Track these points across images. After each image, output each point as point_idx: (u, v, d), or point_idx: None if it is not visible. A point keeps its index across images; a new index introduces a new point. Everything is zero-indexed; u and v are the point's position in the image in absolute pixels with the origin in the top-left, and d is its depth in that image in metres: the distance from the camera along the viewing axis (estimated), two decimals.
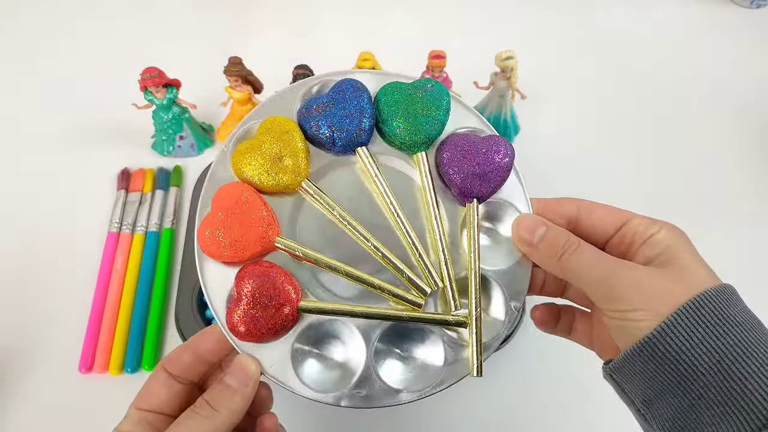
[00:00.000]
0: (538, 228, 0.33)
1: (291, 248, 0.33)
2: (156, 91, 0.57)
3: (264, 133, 0.34)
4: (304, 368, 0.32)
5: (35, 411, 0.50)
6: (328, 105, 0.35)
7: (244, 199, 0.33)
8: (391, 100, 0.35)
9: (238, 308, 0.31)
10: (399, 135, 0.35)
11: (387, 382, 0.32)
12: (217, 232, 0.32)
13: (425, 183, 0.35)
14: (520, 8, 0.80)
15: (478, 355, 0.33)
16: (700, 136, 0.68)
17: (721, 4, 0.80)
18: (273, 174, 0.33)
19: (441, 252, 0.34)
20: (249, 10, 0.79)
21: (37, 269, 0.57)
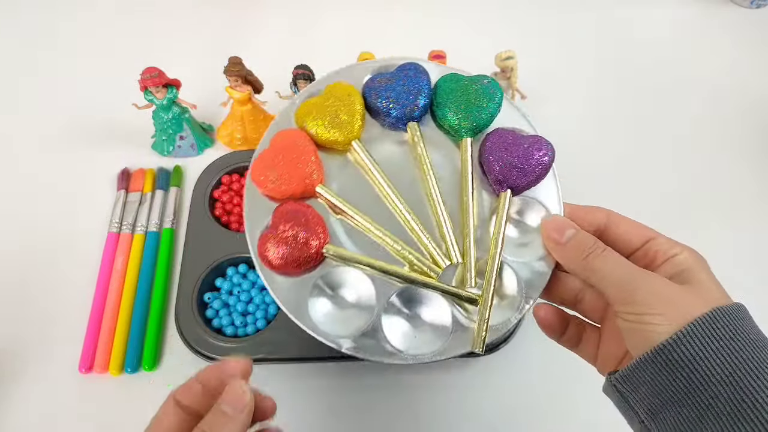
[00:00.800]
0: (567, 229, 0.34)
1: (330, 198, 0.36)
2: (156, 91, 0.57)
3: (329, 93, 0.38)
4: (317, 309, 0.35)
5: (35, 411, 0.50)
6: (391, 80, 0.38)
7: (299, 144, 0.37)
8: (449, 87, 0.38)
9: (270, 236, 0.34)
10: (450, 118, 0.38)
11: (390, 341, 0.34)
12: (268, 165, 0.36)
13: (466, 166, 0.37)
14: (520, 8, 0.80)
15: (484, 331, 0.34)
16: (701, 136, 0.68)
17: (721, 4, 0.80)
18: (329, 129, 0.37)
19: (468, 232, 0.36)
20: (249, 10, 0.79)
21: (37, 269, 0.57)
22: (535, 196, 0.37)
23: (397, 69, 0.39)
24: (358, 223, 0.36)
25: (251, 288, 0.54)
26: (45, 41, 0.76)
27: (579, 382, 0.52)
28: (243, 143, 0.63)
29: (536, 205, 0.37)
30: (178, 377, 0.51)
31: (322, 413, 0.51)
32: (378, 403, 0.51)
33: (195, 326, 0.51)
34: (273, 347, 0.51)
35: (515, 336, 0.52)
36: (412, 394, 0.51)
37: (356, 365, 0.52)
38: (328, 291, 0.35)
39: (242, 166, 0.61)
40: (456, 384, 0.52)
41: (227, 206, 0.59)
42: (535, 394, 0.52)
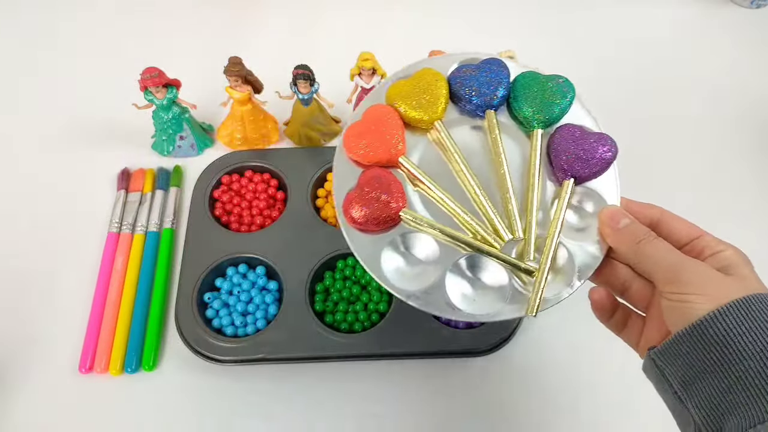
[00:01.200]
0: (623, 218, 0.37)
1: (410, 168, 0.40)
2: (156, 91, 0.57)
3: (418, 77, 0.42)
4: (388, 264, 0.39)
5: (35, 411, 0.50)
6: (475, 71, 0.42)
7: (388, 118, 0.41)
8: (526, 82, 0.42)
9: (355, 196, 0.39)
10: (525, 111, 0.41)
11: (451, 299, 0.38)
12: (360, 134, 0.40)
13: (535, 154, 0.41)
14: (520, 8, 0.79)
15: (538, 299, 0.37)
16: (700, 136, 0.68)
17: (721, 4, 0.80)
18: (415, 108, 0.41)
19: (531, 211, 0.39)
20: (249, 10, 0.79)
21: (37, 269, 0.57)
22: (596, 188, 0.40)
23: (482, 62, 0.43)
24: (433, 194, 0.40)
25: (251, 288, 0.54)
26: (45, 41, 0.76)
27: (578, 382, 0.52)
28: (243, 143, 0.63)
29: (595, 196, 0.40)
30: (178, 377, 0.52)
31: (321, 413, 0.51)
32: (378, 403, 0.51)
33: (195, 326, 0.51)
34: (273, 347, 0.51)
35: (515, 336, 0.52)
36: (413, 394, 0.51)
37: (356, 365, 0.52)
38: (401, 249, 0.40)
39: (242, 166, 0.61)
40: (456, 384, 0.52)
41: (227, 206, 0.59)
42: (535, 393, 0.52)
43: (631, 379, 0.52)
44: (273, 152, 0.63)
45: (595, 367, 0.53)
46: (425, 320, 0.51)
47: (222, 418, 0.50)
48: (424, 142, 0.42)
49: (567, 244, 0.39)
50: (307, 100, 0.59)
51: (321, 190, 0.61)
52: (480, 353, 0.51)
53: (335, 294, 0.54)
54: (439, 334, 0.51)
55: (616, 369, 0.53)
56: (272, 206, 0.60)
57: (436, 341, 0.51)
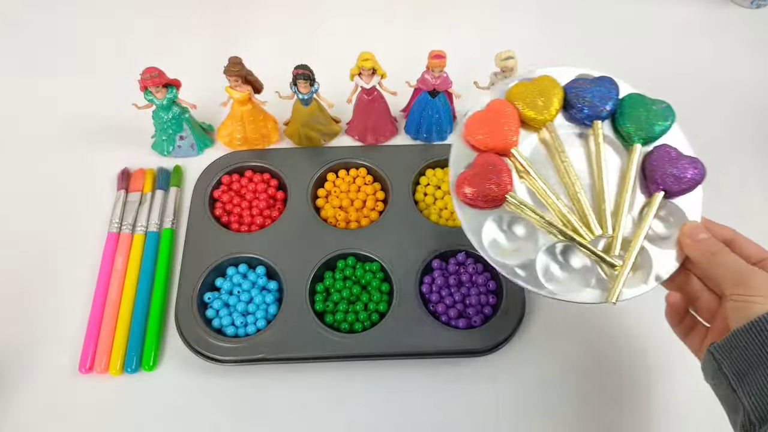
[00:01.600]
0: (702, 232, 0.43)
1: (520, 159, 0.45)
2: (156, 91, 0.57)
3: (538, 82, 0.48)
4: (490, 237, 0.45)
5: (35, 411, 0.50)
6: (590, 84, 0.48)
7: (507, 112, 0.46)
8: (633, 102, 0.48)
9: (469, 175, 0.44)
10: (628, 126, 0.47)
11: (540, 278, 0.43)
12: (481, 122, 0.46)
13: (632, 165, 0.46)
14: (520, 8, 0.80)
15: (619, 289, 0.42)
16: (700, 136, 0.67)
17: (721, 4, 0.80)
18: (531, 108, 0.47)
19: (621, 213, 0.45)
20: (249, 10, 0.79)
21: (37, 269, 0.57)
22: (681, 204, 0.46)
23: (596, 78, 0.49)
24: (535, 185, 0.45)
25: (251, 288, 0.54)
26: (45, 41, 0.76)
27: (578, 382, 0.52)
28: (243, 143, 0.63)
29: (679, 211, 0.45)
30: (178, 377, 0.52)
31: (321, 412, 0.51)
32: (378, 402, 0.51)
33: (195, 326, 0.51)
34: (273, 347, 0.51)
35: (515, 337, 0.53)
36: (413, 393, 0.51)
37: (356, 365, 0.52)
38: (503, 227, 0.45)
39: (242, 166, 0.61)
40: (456, 384, 0.52)
41: (227, 206, 0.59)
42: (535, 393, 0.52)
43: (630, 379, 0.53)
44: (273, 152, 0.63)
45: (594, 367, 0.53)
46: (425, 320, 0.51)
47: (222, 418, 0.50)
48: (532, 139, 0.48)
49: (649, 247, 0.44)
50: (307, 100, 0.59)
51: (321, 190, 0.61)
52: (480, 354, 0.51)
53: (335, 294, 0.54)
54: (439, 335, 0.51)
55: (615, 369, 0.53)
56: (272, 206, 0.60)
57: (436, 341, 0.51)
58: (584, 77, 0.49)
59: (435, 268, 0.55)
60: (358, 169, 0.62)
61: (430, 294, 0.54)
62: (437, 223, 0.58)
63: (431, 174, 0.61)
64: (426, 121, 0.63)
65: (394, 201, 0.59)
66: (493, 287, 0.54)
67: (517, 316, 0.52)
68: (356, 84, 0.60)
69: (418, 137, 0.65)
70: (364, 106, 0.62)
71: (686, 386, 0.51)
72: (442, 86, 0.60)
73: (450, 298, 0.53)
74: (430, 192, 0.60)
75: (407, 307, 0.52)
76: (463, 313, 0.53)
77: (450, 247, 0.56)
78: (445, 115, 0.63)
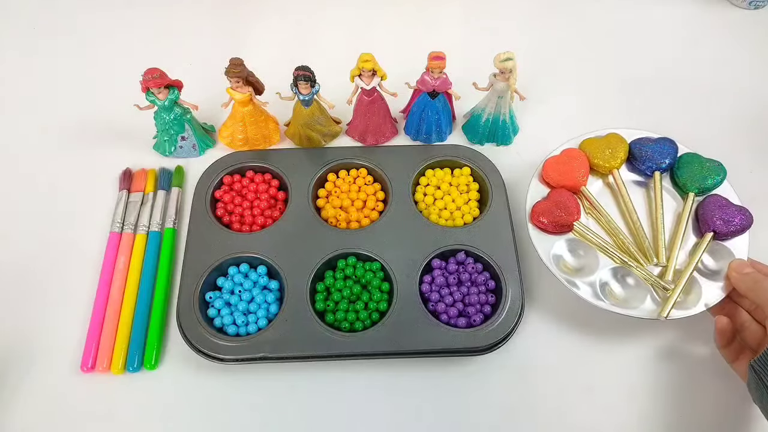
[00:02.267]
0: (747, 267, 0.50)
1: (589, 196, 0.57)
2: (158, 92, 0.58)
3: (607, 138, 0.60)
4: (561, 260, 0.54)
5: (37, 410, 0.50)
6: (653, 142, 0.59)
7: (579, 158, 0.58)
8: (689, 159, 0.58)
9: (543, 205, 0.55)
10: (684, 178, 0.57)
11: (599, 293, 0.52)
12: (557, 163, 0.58)
13: (687, 210, 0.56)
14: (520, 9, 0.80)
15: (669, 309, 0.50)
16: (699, 136, 0.68)
17: (718, 4, 0.80)
18: (599, 157, 0.58)
19: (676, 247, 0.54)
20: (250, 12, 0.79)
21: (39, 269, 0.57)
22: (730, 246, 0.54)
23: (659, 138, 0.59)
24: (600, 219, 0.56)
25: (253, 287, 0.55)
26: (46, 41, 0.76)
27: (578, 382, 0.52)
28: (244, 144, 0.64)
29: (728, 251, 0.53)
30: (180, 376, 0.52)
31: (322, 411, 0.51)
32: (379, 401, 0.51)
33: (197, 325, 0.52)
34: (274, 346, 0.51)
35: (514, 336, 0.53)
36: (412, 393, 0.52)
37: (357, 364, 0.53)
38: (568, 251, 0.54)
39: (243, 166, 0.62)
40: (455, 382, 0.52)
41: (229, 206, 0.59)
42: (535, 393, 0.52)
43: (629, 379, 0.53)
44: (274, 153, 0.63)
45: (593, 366, 0.53)
46: (425, 319, 0.52)
47: (224, 417, 0.50)
48: (599, 183, 0.59)
49: (699, 279, 0.52)
50: (307, 101, 0.60)
51: (321, 191, 0.61)
52: (479, 352, 0.52)
53: (336, 293, 0.54)
54: (439, 333, 0.51)
55: (614, 370, 0.53)
56: (273, 206, 0.60)
57: (437, 340, 0.51)
58: (648, 137, 0.60)
59: (435, 268, 0.55)
60: (359, 170, 0.62)
61: (430, 293, 0.54)
62: (437, 223, 0.58)
63: (431, 174, 0.62)
64: (426, 122, 0.63)
65: (394, 201, 0.59)
66: (493, 286, 0.55)
67: (516, 315, 0.52)
68: (356, 85, 0.60)
69: (418, 138, 0.65)
70: (365, 107, 0.62)
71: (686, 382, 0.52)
72: (441, 87, 0.60)
73: (450, 297, 0.53)
74: (430, 192, 0.60)
75: (407, 307, 0.53)
76: (463, 312, 0.53)
77: (450, 246, 0.56)
78: (444, 115, 0.63)
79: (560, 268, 0.53)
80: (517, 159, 0.65)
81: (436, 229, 0.57)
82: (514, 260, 0.55)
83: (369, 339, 0.51)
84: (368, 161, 0.62)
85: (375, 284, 0.54)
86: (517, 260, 0.55)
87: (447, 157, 0.62)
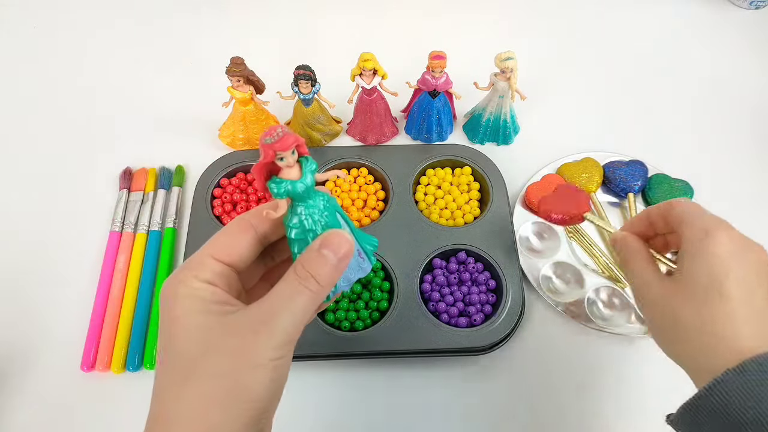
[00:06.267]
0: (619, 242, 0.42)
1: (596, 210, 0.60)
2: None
3: (583, 162, 0.62)
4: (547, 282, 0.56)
5: (37, 409, 0.50)
6: (624, 165, 0.61)
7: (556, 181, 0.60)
8: (659, 180, 0.61)
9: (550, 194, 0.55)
10: (655, 199, 0.60)
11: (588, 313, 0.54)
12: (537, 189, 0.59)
13: None
14: (520, 8, 0.80)
15: None
16: (700, 136, 0.68)
17: (720, 4, 0.80)
18: (578, 182, 0.61)
19: None
20: (250, 11, 0.79)
21: (39, 268, 0.57)
22: None
23: (630, 161, 0.62)
24: (583, 242, 0.58)
25: None
26: (45, 39, 0.76)
27: (578, 382, 0.52)
28: (245, 143, 0.64)
29: None
30: None
31: (321, 410, 0.51)
32: (377, 402, 0.51)
33: None
34: None
35: (515, 336, 0.53)
36: (413, 393, 0.51)
37: (357, 363, 0.52)
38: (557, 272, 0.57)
39: (244, 166, 0.62)
40: (456, 382, 0.52)
41: (229, 206, 0.59)
42: (535, 392, 0.52)
43: (628, 379, 0.53)
44: None
45: (594, 366, 0.53)
46: (426, 319, 0.52)
47: None
48: None
49: None
50: (308, 100, 0.60)
51: None
52: (480, 352, 0.52)
53: None
54: (439, 333, 0.51)
55: (613, 370, 0.53)
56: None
57: (437, 339, 0.51)
58: (619, 161, 0.62)
59: (436, 267, 0.55)
60: (359, 169, 0.62)
61: (431, 292, 0.54)
62: (438, 222, 0.58)
63: (432, 174, 0.62)
64: (426, 122, 0.63)
65: (394, 200, 0.59)
66: (493, 286, 0.55)
67: (517, 314, 0.52)
68: (357, 84, 0.60)
69: (419, 137, 0.65)
70: (365, 107, 0.62)
71: None
72: (442, 87, 0.60)
73: (450, 297, 0.53)
74: (431, 192, 0.60)
75: (408, 306, 0.52)
76: (463, 312, 0.53)
77: (450, 246, 0.56)
78: (445, 115, 0.63)
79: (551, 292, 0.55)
80: (518, 158, 0.65)
81: (436, 228, 0.57)
82: (515, 260, 0.55)
83: (369, 338, 0.51)
84: (369, 161, 0.62)
85: (376, 283, 0.54)
86: (518, 260, 0.55)
87: (448, 157, 0.62)
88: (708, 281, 0.33)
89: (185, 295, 0.28)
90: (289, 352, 0.29)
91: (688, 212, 0.37)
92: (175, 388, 0.28)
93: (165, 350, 0.29)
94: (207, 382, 0.27)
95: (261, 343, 0.28)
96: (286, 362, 0.29)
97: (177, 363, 0.28)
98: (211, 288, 0.29)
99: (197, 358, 0.27)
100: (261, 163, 0.30)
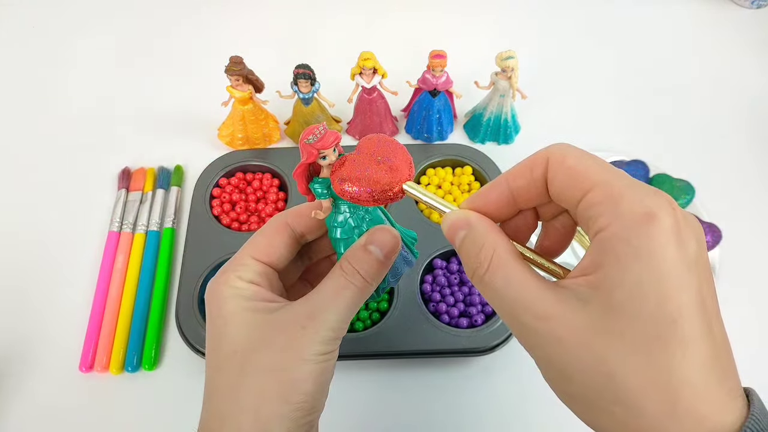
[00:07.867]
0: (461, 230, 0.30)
1: None
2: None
3: None
4: None
5: (35, 410, 0.50)
6: (625, 165, 0.59)
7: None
8: (660, 179, 0.59)
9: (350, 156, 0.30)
10: None
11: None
12: None
13: None
14: (521, 8, 0.80)
15: None
16: (700, 136, 0.68)
17: (721, 4, 0.80)
18: None
19: None
20: (249, 10, 0.79)
21: (37, 268, 0.57)
22: None
23: (630, 161, 0.60)
24: None
25: None
26: (45, 39, 0.76)
27: None
28: (244, 143, 0.63)
29: None
30: (178, 376, 0.52)
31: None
32: (379, 401, 0.51)
33: (196, 325, 0.51)
34: None
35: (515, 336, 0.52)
36: (413, 394, 0.51)
37: (357, 364, 0.52)
38: None
39: (243, 165, 0.61)
40: (456, 383, 0.52)
41: (228, 206, 0.59)
42: (537, 394, 0.52)
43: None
44: (274, 152, 0.63)
45: None
46: (426, 320, 0.51)
47: None
48: None
49: None
50: (307, 99, 0.59)
51: None
52: (481, 353, 0.51)
53: None
54: (440, 334, 0.51)
55: None
56: (273, 206, 0.60)
57: (438, 340, 0.51)
58: (620, 160, 0.60)
59: (436, 267, 0.55)
60: None
61: (432, 293, 0.54)
62: (438, 222, 0.58)
63: (432, 174, 0.61)
64: (427, 121, 0.63)
65: None
66: None
67: None
68: (357, 83, 0.60)
69: (419, 137, 0.65)
70: (365, 106, 0.62)
71: None
72: (442, 86, 0.60)
73: (451, 298, 0.53)
74: (432, 191, 0.60)
75: (408, 307, 0.52)
76: (464, 313, 0.53)
77: (451, 246, 0.55)
78: (445, 114, 0.63)
79: None
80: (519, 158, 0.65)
81: (437, 228, 0.57)
82: None
83: (369, 339, 0.51)
84: None
85: None
86: None
87: (448, 156, 0.62)
88: (657, 310, 0.20)
89: (230, 296, 0.29)
90: (335, 348, 0.29)
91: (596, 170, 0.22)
92: (228, 386, 0.28)
93: (215, 351, 0.29)
94: (259, 377, 0.27)
95: (308, 338, 0.28)
96: (332, 358, 0.29)
97: (229, 362, 0.28)
98: (254, 287, 0.29)
99: (249, 354, 0.28)
100: (303, 164, 0.29)
